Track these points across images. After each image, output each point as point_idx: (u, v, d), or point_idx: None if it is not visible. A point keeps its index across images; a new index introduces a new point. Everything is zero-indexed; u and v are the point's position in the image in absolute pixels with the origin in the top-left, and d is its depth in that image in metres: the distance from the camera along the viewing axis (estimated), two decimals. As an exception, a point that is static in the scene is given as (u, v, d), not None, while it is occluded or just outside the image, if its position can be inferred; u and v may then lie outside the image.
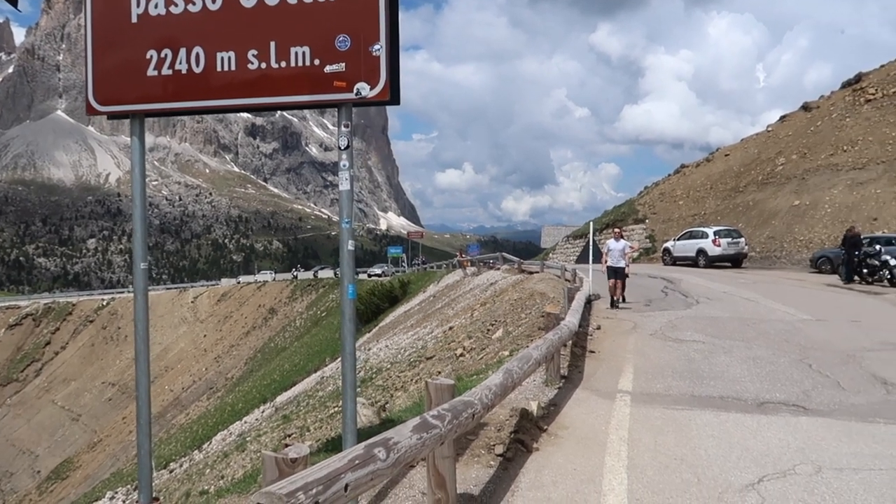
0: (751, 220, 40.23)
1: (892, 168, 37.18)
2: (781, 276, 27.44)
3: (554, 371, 8.94)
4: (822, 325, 14.12)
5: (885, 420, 7.62)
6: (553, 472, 5.76)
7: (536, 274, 28.66)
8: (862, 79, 45.97)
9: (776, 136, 47.71)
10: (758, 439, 6.73)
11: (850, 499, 5.30)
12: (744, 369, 9.93)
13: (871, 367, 10.25)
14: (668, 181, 52.19)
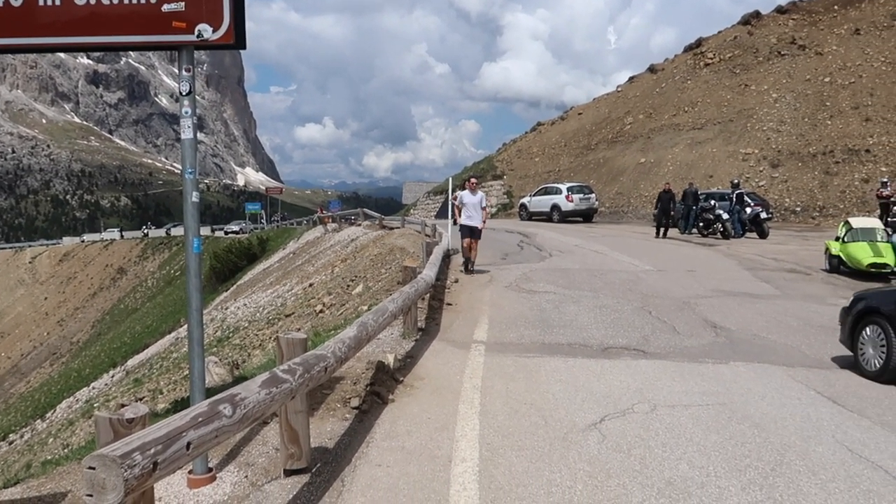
0: (601, 176, 42.11)
1: (727, 129, 39.94)
2: (628, 230, 29.00)
3: (411, 324, 9.03)
4: (662, 275, 15.08)
5: (714, 360, 8.29)
6: (408, 422, 5.84)
7: (397, 230, 28.75)
8: (702, 44, 48.84)
9: (625, 96, 49.95)
10: (601, 382, 7.13)
11: (680, 432, 5.73)
12: (591, 317, 10.46)
13: (703, 313, 11.08)
14: (525, 138, 53.56)
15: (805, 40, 43.59)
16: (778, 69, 42.36)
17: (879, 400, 6.95)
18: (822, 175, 34.25)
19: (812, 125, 37.44)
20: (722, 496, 4.57)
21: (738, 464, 5.12)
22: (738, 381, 7.39)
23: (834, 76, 39.56)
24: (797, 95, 39.78)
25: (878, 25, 42.03)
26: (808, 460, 5.25)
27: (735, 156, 37.79)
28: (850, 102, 37.44)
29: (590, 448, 5.31)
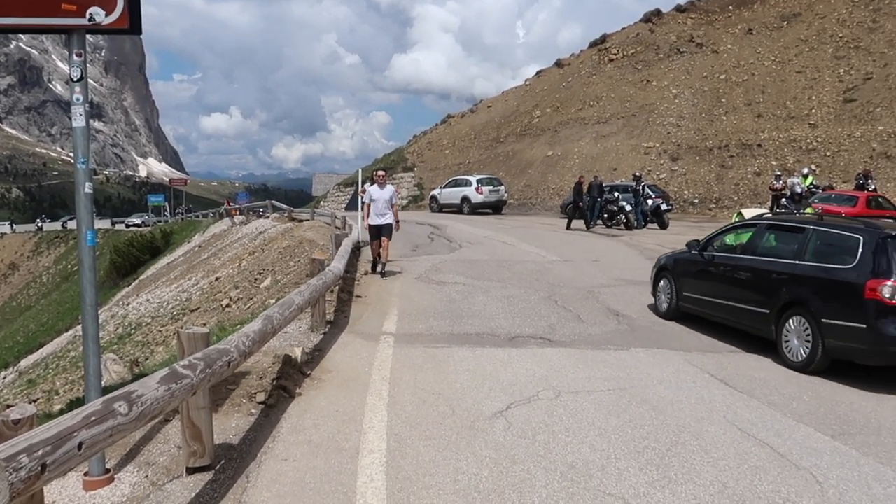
0: (510, 168, 42.74)
1: (630, 123, 41.25)
2: (536, 221, 29.57)
3: (319, 316, 8.94)
4: (568, 265, 15.46)
5: (616, 347, 8.57)
6: (315, 416, 5.80)
7: (307, 222, 28.37)
8: (606, 40, 50.20)
9: (533, 90, 50.81)
10: (508, 370, 7.26)
11: (582, 417, 5.91)
12: (499, 307, 10.62)
13: (606, 301, 11.43)
14: (436, 130, 53.76)
15: (702, 39, 45.45)
16: (677, 66, 44.01)
17: (766, 381, 7.36)
18: (718, 168, 35.84)
19: (709, 120, 39.11)
20: (621, 477, 4.74)
21: (637, 445, 5.33)
22: (638, 367, 7.68)
23: (729, 74, 41.40)
24: (695, 92, 41.45)
25: (769, 26, 44.24)
26: (702, 440, 5.51)
27: (637, 149, 39.08)
28: (744, 99, 39.30)
29: (496, 435, 5.41)
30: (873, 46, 38.19)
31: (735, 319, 9.21)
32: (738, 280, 9.19)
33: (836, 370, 7.65)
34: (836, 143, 33.60)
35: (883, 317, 7.21)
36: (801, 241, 8.53)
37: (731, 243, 9.99)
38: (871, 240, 7.68)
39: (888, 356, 7.32)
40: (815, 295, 7.89)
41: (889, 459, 5.31)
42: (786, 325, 8.19)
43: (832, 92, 37.02)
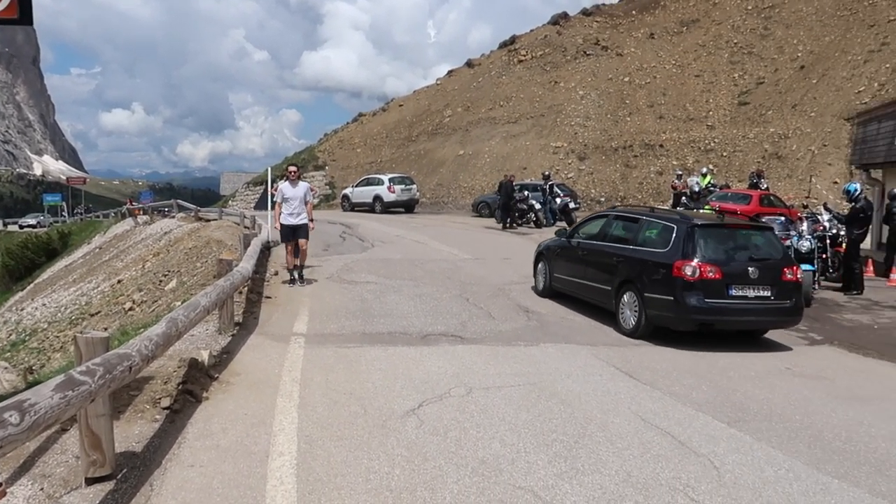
0: (422, 167, 42.83)
1: (539, 123, 42.02)
2: (448, 220, 29.75)
3: (227, 318, 8.73)
4: (479, 263, 15.63)
5: (526, 343, 8.73)
6: (223, 420, 5.65)
7: (214, 221, 27.61)
8: (516, 41, 50.97)
9: (444, 89, 51.07)
10: (420, 369, 7.28)
11: (493, 412, 5.99)
12: (411, 306, 10.64)
13: (516, 298, 11.63)
14: (347, 129, 53.30)
15: (607, 42, 46.76)
16: (584, 68, 45.12)
17: (668, 373, 7.65)
18: (623, 168, 36.97)
19: (614, 121, 40.28)
20: (530, 470, 4.83)
21: (546, 438, 5.44)
22: (547, 362, 7.84)
23: (632, 76, 42.75)
24: (601, 93, 42.61)
25: (670, 31, 45.94)
26: (608, 431, 5.68)
27: (546, 149, 39.86)
28: (647, 101, 40.67)
29: (408, 433, 5.42)
30: (765, 52, 40.23)
31: (590, 296, 10.75)
32: (591, 262, 10.78)
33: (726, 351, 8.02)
34: (731, 144, 35.21)
35: (686, 290, 8.81)
36: (636, 230, 10.16)
37: (590, 231, 11.38)
38: (682, 228, 9.26)
39: (690, 322, 8.95)
40: (642, 274, 9.45)
41: (780, 444, 5.62)
42: (621, 299, 9.74)
43: (728, 95, 38.77)
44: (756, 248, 9.46)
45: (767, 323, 9.49)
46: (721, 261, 9.01)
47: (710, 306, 8.82)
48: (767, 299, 9.01)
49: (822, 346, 9.68)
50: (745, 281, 8.94)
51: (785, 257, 9.61)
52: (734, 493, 4.61)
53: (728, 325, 9.18)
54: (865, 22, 37.80)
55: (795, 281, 9.28)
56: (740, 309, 8.96)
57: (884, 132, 18.20)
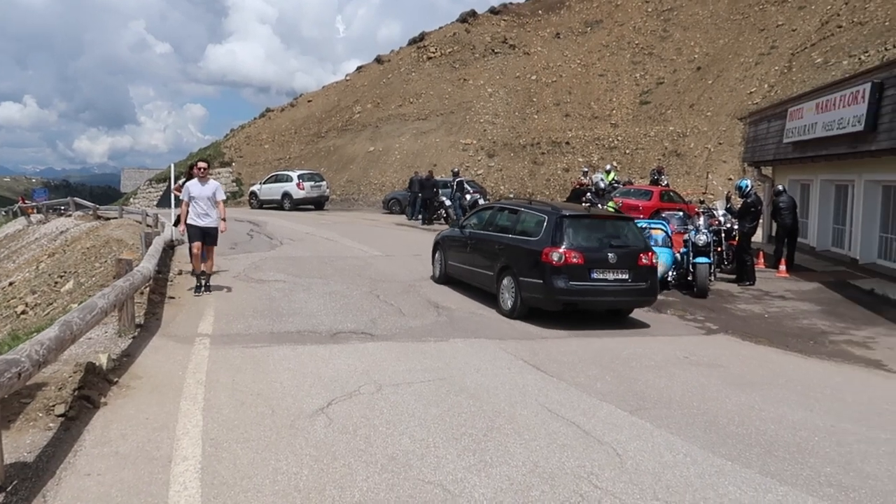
0: (332, 164, 42.40)
1: (449, 120, 42.29)
2: (358, 217, 29.56)
3: (128, 320, 8.40)
4: (390, 260, 15.60)
5: (436, 338, 8.78)
6: (122, 425, 5.44)
7: (115, 220, 26.57)
8: (425, 38, 51.07)
9: (354, 85, 50.67)
10: (329, 367, 7.22)
11: (403, 409, 6.00)
12: (321, 304, 10.52)
13: (427, 294, 11.67)
14: (255, 124, 52.15)
15: (515, 40, 47.48)
16: (492, 66, 45.68)
17: (574, 364, 7.86)
18: (531, 164, 37.67)
19: (522, 119, 40.97)
20: (440, 464, 4.87)
21: (455, 433, 5.49)
22: (456, 357, 7.91)
23: (539, 75, 43.58)
24: (509, 91, 43.25)
25: (575, 31, 47.06)
26: (515, 423, 5.79)
27: (456, 146, 40.16)
28: (553, 99, 41.55)
29: (317, 433, 5.36)
30: (664, 54, 41.76)
31: (477, 281, 11.62)
32: (478, 250, 11.66)
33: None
34: (634, 142, 36.40)
35: (553, 274, 9.77)
36: (515, 220, 11.15)
37: (478, 222, 12.28)
38: (552, 218, 10.23)
39: (557, 303, 9.94)
40: (518, 260, 10.39)
41: (678, 430, 5.86)
42: (502, 283, 10.65)
43: (630, 94, 40.05)
44: (616, 236, 10.44)
45: (626, 303, 10.50)
46: (584, 248, 9.99)
47: (574, 288, 9.82)
48: (625, 282, 10.07)
49: (717, 336, 10.14)
50: (605, 265, 9.96)
51: (642, 244, 10.58)
52: (636, 479, 4.78)
53: (590, 304, 10.21)
54: (756, 26, 39.79)
55: (651, 265, 10.32)
56: (601, 290, 9.98)
57: (773, 131, 19.20)
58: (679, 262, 13.67)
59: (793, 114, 17.43)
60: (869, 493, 4.76)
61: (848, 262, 15.88)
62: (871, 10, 33.82)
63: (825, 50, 33.42)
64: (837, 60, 31.18)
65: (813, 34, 35.97)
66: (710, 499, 4.53)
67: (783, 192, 16.38)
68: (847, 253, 16.28)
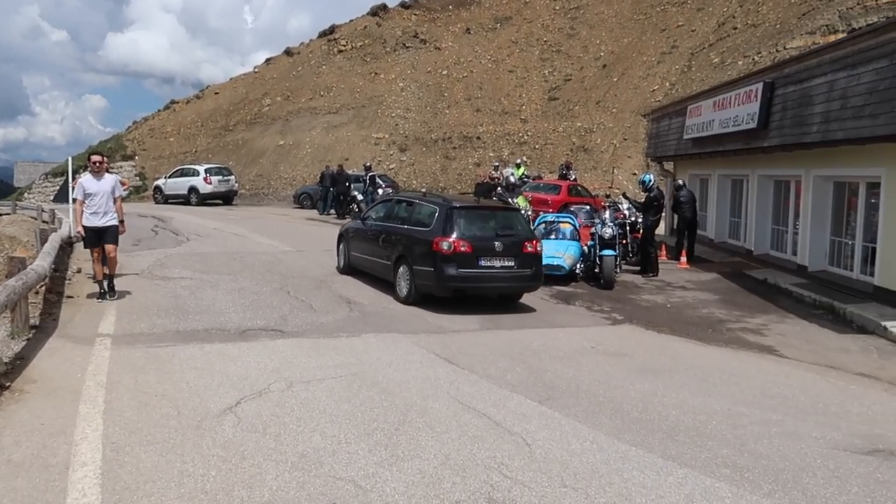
0: (241, 158, 41.43)
1: (360, 114, 41.98)
2: (269, 212, 29.02)
3: (21, 321, 7.97)
4: (301, 256, 15.39)
5: (348, 334, 8.72)
6: (15, 432, 5.16)
7: (7, 216, 25.15)
8: (335, 31, 50.47)
9: (263, 77, 49.60)
10: (238, 365, 7.06)
11: (314, 406, 5.93)
12: (229, 301, 10.27)
13: (338, 290, 11.58)
14: (159, 117, 50.33)
15: (426, 35, 47.52)
16: (404, 60, 45.60)
17: (485, 356, 7.96)
18: (443, 159, 37.86)
19: (433, 113, 41.10)
20: (351, 460, 4.84)
21: (367, 428, 5.48)
22: (368, 352, 7.88)
23: (450, 70, 43.80)
24: (420, 86, 43.29)
25: (485, 27, 47.51)
26: (427, 416, 5.82)
27: (368, 140, 39.93)
28: (464, 94, 41.86)
29: (225, 433, 5.24)
30: (572, 51, 42.71)
31: (377, 270, 12.03)
32: (377, 241, 12.07)
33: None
34: (543, 137, 37.11)
35: (443, 262, 10.27)
36: (410, 212, 11.67)
37: (378, 214, 12.75)
38: (443, 210, 10.78)
39: (447, 290, 10.48)
40: (412, 249, 10.87)
41: (585, 418, 6.02)
42: (398, 272, 11.11)
43: (539, 90, 40.80)
44: (503, 226, 11.02)
45: (512, 288, 11.18)
46: (473, 237, 10.56)
47: (463, 275, 10.38)
48: (511, 268, 10.67)
49: (623, 326, 10.47)
50: (492, 254, 10.56)
51: (527, 234, 11.25)
52: (544, 467, 4.89)
53: (479, 290, 10.85)
54: (658, 26, 41.20)
55: (535, 253, 10.91)
56: (488, 277, 10.61)
57: (674, 128, 19.96)
58: (587, 254, 14.03)
59: (692, 111, 18.16)
60: (761, 473, 5.03)
61: (743, 254, 16.68)
62: (763, 13, 35.55)
63: (722, 50, 34.93)
64: (733, 60, 32.63)
65: (710, 35, 37.53)
66: (615, 484, 4.68)
67: (683, 187, 17.04)
68: (743, 244, 17.10)
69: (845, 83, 11.07)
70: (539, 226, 14.61)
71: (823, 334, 10.19)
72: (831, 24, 29.26)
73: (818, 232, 13.55)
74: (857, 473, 5.12)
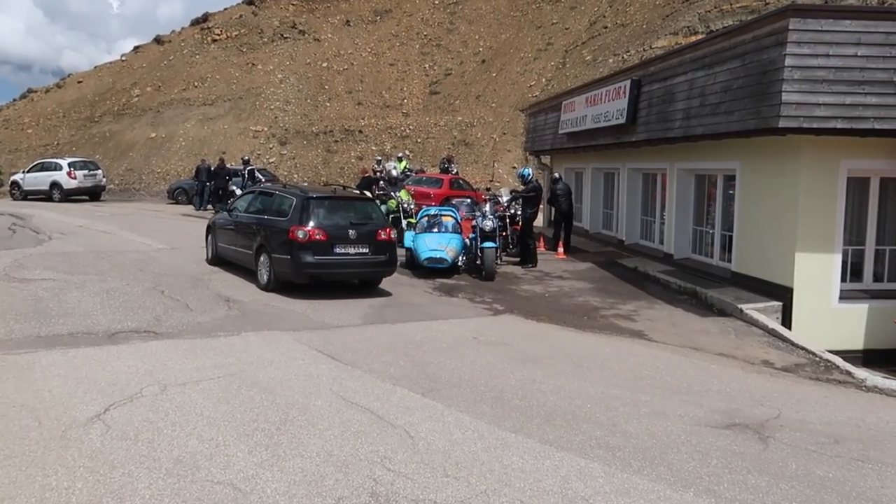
0: (108, 151, 39.34)
1: (237, 106, 40.78)
2: (141, 208, 27.70)
3: None
4: (176, 253, 14.80)
5: (226, 333, 8.48)
6: None
7: None
8: (209, 19, 48.77)
9: (131, 66, 47.26)
10: (107, 370, 6.71)
11: (190, 408, 5.73)
12: (97, 303, 9.74)
13: (216, 288, 11.22)
14: (14, 107, 47.00)
15: (304, 26, 46.69)
16: (282, 51, 44.64)
17: (369, 351, 7.94)
18: (325, 153, 37.38)
19: (314, 106, 40.49)
20: (230, 463, 4.72)
21: (246, 429, 5.35)
22: (248, 351, 7.69)
23: (331, 62, 43.27)
24: (300, 77, 42.52)
25: (365, 19, 47.21)
26: (309, 414, 5.75)
27: (246, 133, 38.87)
28: (345, 87, 41.47)
29: (92, 442, 4.98)
30: (451, 46, 43.15)
31: (241, 260, 12.41)
32: (241, 231, 12.47)
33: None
34: (425, 131, 37.33)
35: (299, 250, 10.76)
36: (271, 203, 12.06)
37: (242, 206, 13.05)
38: (299, 200, 11.25)
39: (304, 276, 10.95)
40: (271, 238, 11.31)
41: (467, 408, 6.13)
42: (259, 260, 11.55)
43: (420, 84, 40.99)
44: (358, 215, 11.62)
45: (368, 273, 11.82)
46: (328, 226, 11.08)
47: (319, 262, 10.90)
48: (366, 255, 11.29)
49: (504, 316, 10.71)
50: (347, 241, 11.12)
51: (382, 222, 11.93)
52: (427, 458, 4.94)
53: (335, 276, 11.49)
54: (534, 23, 42.29)
55: (389, 240, 11.61)
56: (343, 263, 11.21)
57: (550, 123, 20.56)
58: (468, 247, 14.24)
59: (566, 107, 18.76)
60: (632, 451, 5.28)
61: (616, 244, 17.42)
62: (631, 13, 37.19)
63: (594, 48, 36.29)
64: (604, 58, 33.98)
65: (583, 33, 38.89)
66: (496, 470, 4.80)
67: (560, 180, 17.59)
68: (615, 235, 17.85)
69: (704, 82, 11.74)
70: (421, 219, 14.68)
71: (688, 318, 10.80)
72: (692, 25, 31.01)
73: (682, 222, 14.32)
74: (716, 447, 5.48)
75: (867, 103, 9.49)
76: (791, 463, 5.32)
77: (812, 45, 9.52)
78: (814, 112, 9.44)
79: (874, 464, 5.45)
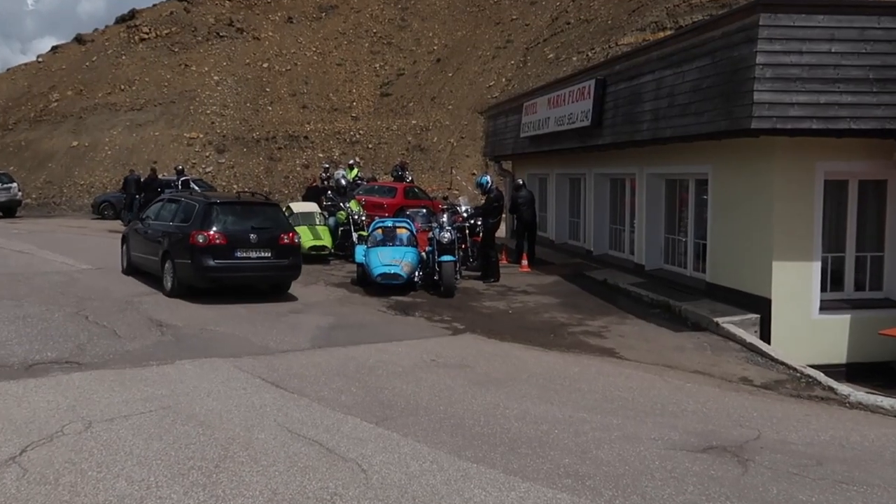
0: (24, 162, 38.51)
1: (169, 111, 40.30)
2: (62, 224, 27.17)
3: None
4: (102, 274, 14.54)
5: (159, 361, 8.33)
6: None
7: None
8: (136, 16, 48.20)
9: (49, 68, 46.41)
10: (23, 407, 6.53)
11: (118, 447, 5.61)
12: (12, 331, 9.49)
13: (148, 311, 11.04)
14: (-83, 114, 45.76)
15: (242, 24, 46.44)
16: (218, 51, 44.31)
17: (317, 377, 7.88)
18: (267, 161, 37.14)
19: (255, 110, 40.23)
20: (163, 506, 4.63)
21: (182, 468, 5.25)
22: (183, 381, 7.57)
23: (272, 62, 43.07)
24: (238, 79, 42.23)
25: (309, 16, 47.14)
26: (252, 449, 5.67)
27: (180, 140, 38.42)
28: (288, 89, 41.30)
29: (6, 488, 4.82)
30: (403, 44, 43.32)
31: (150, 267, 13.24)
32: (149, 239, 13.37)
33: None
34: (376, 136, 37.35)
35: (199, 254, 11.69)
36: (176, 210, 13.04)
37: (152, 214, 13.97)
38: (201, 206, 12.32)
39: (206, 280, 11.92)
40: (175, 245, 12.21)
41: (425, 437, 6.11)
42: (164, 267, 12.41)
43: (370, 86, 41.03)
44: (260, 219, 12.62)
45: (270, 277, 12.77)
46: (228, 230, 12.05)
47: (220, 266, 11.81)
48: (268, 259, 12.25)
49: (464, 335, 10.72)
50: (248, 245, 12.04)
51: (285, 227, 12.83)
52: (381, 494, 4.91)
53: (236, 280, 12.32)
54: (492, 19, 42.71)
55: (291, 244, 12.52)
56: (245, 267, 12.14)
57: (510, 126, 20.73)
58: (425, 261, 14.22)
59: (528, 108, 18.94)
60: (603, 479, 5.32)
61: (584, 254, 17.59)
62: (595, 7, 37.81)
63: (556, 46, 36.78)
64: (568, 56, 34.46)
65: (545, 30, 39.40)
66: (457, 505, 4.79)
67: (522, 187, 17.71)
68: (583, 245, 18.03)
69: (672, 81, 11.96)
70: (374, 232, 14.63)
71: (661, 333, 10.94)
72: (660, 21, 31.66)
73: (653, 230, 14.53)
74: (692, 472, 5.55)
75: (842, 102, 9.76)
76: (772, 487, 5.41)
77: (784, 41, 9.76)
78: (787, 112, 9.67)
79: (859, 485, 5.57)
